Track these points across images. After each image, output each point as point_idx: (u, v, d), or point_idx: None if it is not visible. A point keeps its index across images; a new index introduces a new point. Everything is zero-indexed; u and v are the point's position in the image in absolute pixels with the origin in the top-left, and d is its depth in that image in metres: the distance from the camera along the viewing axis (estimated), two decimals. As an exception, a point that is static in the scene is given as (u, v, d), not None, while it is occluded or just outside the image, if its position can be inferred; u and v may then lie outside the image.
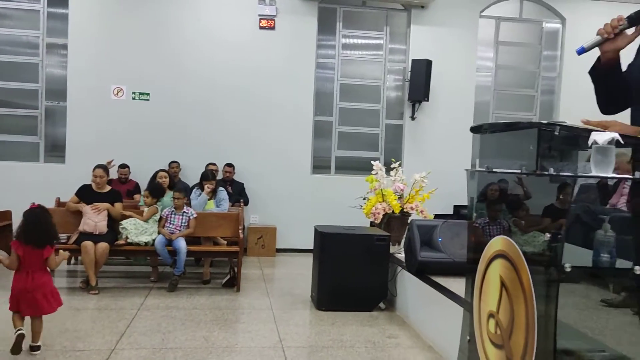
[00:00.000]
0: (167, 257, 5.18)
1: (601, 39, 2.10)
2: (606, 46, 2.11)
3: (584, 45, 2.13)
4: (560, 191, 1.99)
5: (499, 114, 8.00)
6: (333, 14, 7.66)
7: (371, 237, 4.72)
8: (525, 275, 2.00)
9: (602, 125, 1.94)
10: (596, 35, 2.12)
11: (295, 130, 7.46)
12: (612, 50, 2.11)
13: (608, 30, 2.08)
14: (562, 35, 7.96)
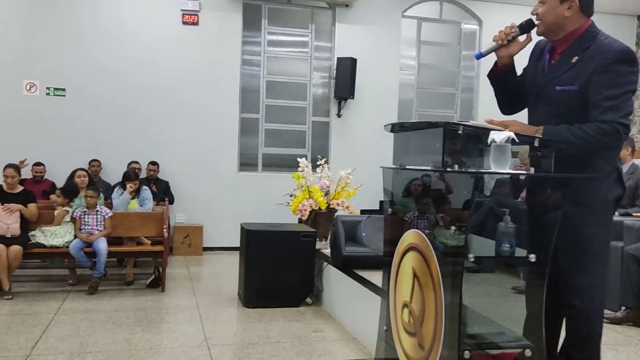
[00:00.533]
0: (84, 261, 5.02)
1: (496, 45, 2.25)
2: (501, 52, 2.26)
3: (481, 50, 2.29)
4: (470, 186, 2.10)
5: (422, 112, 8.26)
6: (258, 11, 7.65)
7: (297, 234, 4.77)
8: (434, 266, 2.10)
9: (503, 125, 2.07)
10: (492, 41, 2.27)
11: (221, 127, 7.40)
12: (506, 56, 2.27)
13: (502, 37, 2.23)
14: (479, 36, 8.31)
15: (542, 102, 2.22)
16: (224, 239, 7.22)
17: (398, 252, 2.42)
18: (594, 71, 2.05)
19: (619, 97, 2.02)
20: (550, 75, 2.20)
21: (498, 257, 2.13)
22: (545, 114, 2.19)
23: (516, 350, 2.13)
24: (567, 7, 2.13)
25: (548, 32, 2.21)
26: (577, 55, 2.12)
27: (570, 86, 2.10)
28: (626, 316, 4.00)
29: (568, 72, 2.13)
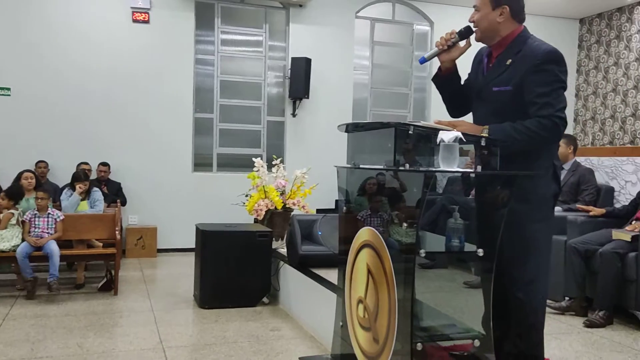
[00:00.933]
0: (27, 271, 4.83)
1: (438, 50, 2.40)
2: (443, 57, 2.41)
3: (424, 55, 2.44)
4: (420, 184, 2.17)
5: (376, 111, 8.37)
6: (211, 10, 7.59)
7: (253, 234, 4.78)
8: (387, 263, 2.16)
9: (451, 125, 2.16)
10: (435, 47, 2.41)
11: (175, 127, 7.32)
12: (448, 60, 2.41)
13: (442, 43, 2.38)
14: (431, 37, 8.48)
15: (481, 102, 2.36)
16: (178, 240, 7.14)
17: (353, 250, 2.47)
18: (526, 72, 2.19)
19: (551, 94, 2.16)
20: (488, 77, 2.34)
21: (448, 252, 2.21)
22: (485, 113, 2.33)
23: (466, 341, 2.21)
24: (499, 13, 2.27)
25: (485, 38, 2.35)
26: (510, 58, 2.26)
27: (506, 87, 2.23)
28: (569, 306, 4.19)
29: (503, 74, 2.27)
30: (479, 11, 2.30)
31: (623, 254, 3.92)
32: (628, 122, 8.15)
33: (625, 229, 4.07)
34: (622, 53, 8.25)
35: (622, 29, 8.26)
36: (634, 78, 8.07)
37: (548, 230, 2.34)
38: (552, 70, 2.18)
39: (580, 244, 4.16)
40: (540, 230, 2.27)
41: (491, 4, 2.27)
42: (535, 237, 2.26)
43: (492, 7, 2.27)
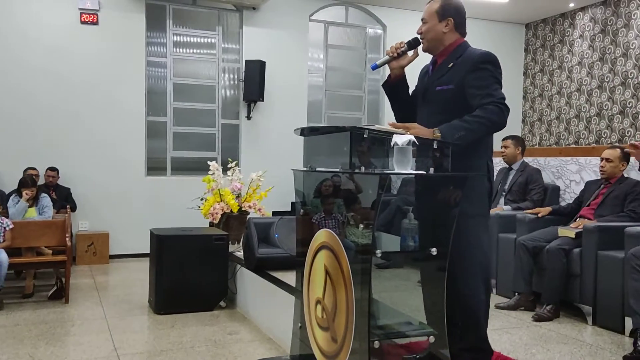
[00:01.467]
0: None
1: (389, 58, 2.55)
2: (393, 64, 2.57)
3: (376, 62, 2.57)
4: (375, 185, 2.21)
5: (331, 114, 8.44)
6: (162, 11, 7.50)
7: (209, 237, 4.75)
8: (344, 263, 2.20)
9: (405, 128, 2.23)
10: (385, 55, 2.57)
11: (127, 131, 7.19)
12: (397, 67, 2.57)
13: (392, 51, 2.54)
14: (383, 41, 8.61)
15: (426, 103, 2.54)
16: (132, 246, 7.02)
17: (310, 251, 2.50)
18: (466, 72, 2.40)
19: (489, 87, 2.36)
20: (431, 79, 2.53)
21: (403, 252, 2.26)
22: (428, 113, 2.49)
23: (421, 337, 2.28)
24: (444, 25, 2.50)
25: (431, 48, 2.56)
26: (452, 62, 2.47)
27: (448, 85, 2.44)
28: (518, 301, 4.33)
29: (445, 75, 2.47)
30: (427, 23, 2.51)
31: (568, 250, 4.09)
32: (572, 123, 8.48)
33: (570, 226, 4.25)
34: (565, 57, 8.59)
35: (565, 34, 8.59)
36: (576, 81, 8.41)
37: (485, 225, 2.50)
38: (488, 69, 2.39)
39: (529, 241, 4.31)
40: (476, 225, 2.43)
41: (438, 16, 2.49)
42: (473, 232, 2.41)
43: (439, 19, 2.50)
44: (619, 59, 7.76)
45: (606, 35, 7.94)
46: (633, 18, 7.56)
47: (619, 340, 3.68)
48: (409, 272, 3.45)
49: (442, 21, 2.50)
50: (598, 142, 8.05)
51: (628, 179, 4.30)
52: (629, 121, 7.64)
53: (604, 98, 7.98)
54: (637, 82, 7.52)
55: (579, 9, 8.35)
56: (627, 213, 4.11)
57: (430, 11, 2.52)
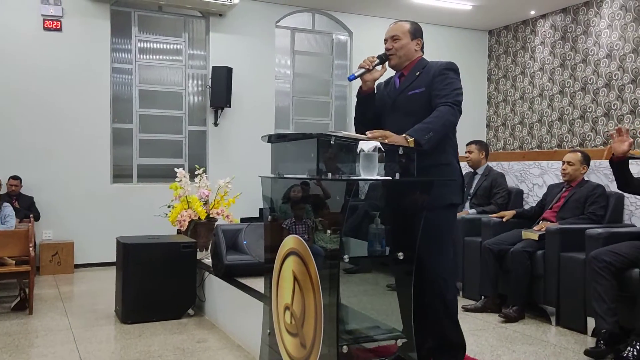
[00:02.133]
0: None
1: (364, 70, 2.68)
2: (367, 77, 2.70)
3: (354, 73, 2.68)
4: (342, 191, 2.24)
5: (298, 119, 8.46)
6: (127, 18, 7.41)
7: (177, 245, 4.71)
8: (312, 269, 2.22)
9: (383, 136, 2.30)
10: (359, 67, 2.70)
11: (92, 138, 7.07)
12: (370, 80, 2.71)
13: (368, 64, 2.67)
14: (350, 47, 8.69)
15: (397, 107, 2.70)
16: (97, 255, 6.90)
17: (279, 257, 2.51)
18: (433, 76, 2.64)
19: (450, 91, 2.58)
20: (401, 87, 2.71)
21: (370, 257, 2.29)
22: (402, 115, 2.65)
23: (389, 341, 2.30)
24: (415, 43, 2.75)
25: (400, 64, 2.74)
26: (418, 71, 2.71)
27: (420, 88, 2.65)
28: (485, 304, 4.41)
29: (415, 81, 2.68)
30: (400, 40, 2.71)
31: (532, 252, 4.19)
32: (535, 127, 8.68)
33: (534, 229, 4.35)
34: (527, 63, 8.79)
35: (527, 41, 8.80)
36: (538, 86, 8.62)
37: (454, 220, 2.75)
38: (451, 76, 2.64)
39: (494, 244, 4.40)
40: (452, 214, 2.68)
41: (410, 35, 2.73)
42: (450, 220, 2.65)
43: (411, 38, 2.74)
44: (578, 65, 7.98)
45: (566, 41, 8.17)
46: (592, 25, 7.79)
47: (581, 340, 3.78)
48: (378, 277, 3.49)
49: (414, 40, 2.74)
50: (560, 146, 8.26)
51: (588, 182, 4.43)
52: (589, 125, 7.86)
53: (565, 103, 8.20)
54: (596, 88, 7.75)
55: (540, 16, 8.57)
56: (588, 215, 4.23)
57: (403, 30, 2.73)
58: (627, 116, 7.36)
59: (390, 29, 2.76)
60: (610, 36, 7.55)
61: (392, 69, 2.79)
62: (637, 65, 7.22)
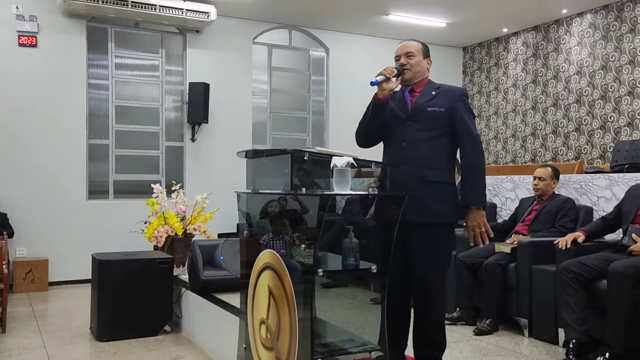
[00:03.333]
0: None
1: (384, 77, 2.76)
2: (384, 85, 2.78)
3: (376, 79, 2.75)
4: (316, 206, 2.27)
5: (276, 135, 8.50)
6: (104, 34, 7.41)
7: (153, 261, 4.69)
8: (287, 283, 2.24)
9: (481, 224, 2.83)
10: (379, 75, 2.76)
11: (67, 154, 7.01)
12: (387, 89, 2.79)
13: (389, 73, 2.76)
14: (326, 63, 8.78)
15: (414, 121, 2.82)
16: (72, 272, 6.81)
17: (254, 272, 2.53)
18: (454, 100, 2.83)
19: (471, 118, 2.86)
20: (419, 101, 2.85)
21: (345, 271, 2.32)
22: (415, 130, 2.79)
23: (364, 354, 2.33)
24: (427, 62, 2.95)
25: (413, 79, 2.89)
26: (433, 91, 2.87)
27: (439, 108, 2.81)
28: (460, 316, 4.47)
29: (433, 99, 2.83)
30: (415, 57, 2.89)
31: (505, 265, 4.26)
32: (509, 142, 8.85)
33: (506, 242, 4.43)
34: (501, 79, 8.98)
35: (500, 57, 9.00)
36: (512, 102, 8.80)
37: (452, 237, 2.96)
38: (468, 103, 2.92)
39: (468, 257, 4.46)
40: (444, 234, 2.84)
41: (423, 54, 2.93)
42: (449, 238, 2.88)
43: (423, 56, 2.93)
44: (550, 82, 8.18)
45: (538, 58, 8.37)
46: (562, 43, 8.00)
47: (553, 351, 3.85)
48: (354, 291, 3.52)
49: (426, 59, 2.94)
50: (534, 160, 8.42)
51: (559, 195, 4.53)
52: (561, 140, 8.04)
53: (538, 118, 8.38)
54: (567, 104, 7.94)
55: (512, 34, 8.77)
56: (558, 228, 4.32)
57: (417, 48, 2.91)
58: (598, 131, 7.55)
59: (403, 45, 2.92)
60: (580, 53, 7.76)
61: (402, 83, 2.92)
62: (606, 81, 7.43)
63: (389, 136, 2.83)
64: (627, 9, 7.18)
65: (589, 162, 7.52)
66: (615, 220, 3.80)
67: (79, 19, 7.06)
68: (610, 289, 3.33)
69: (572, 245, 3.75)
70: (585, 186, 4.54)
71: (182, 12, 7.13)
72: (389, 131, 2.84)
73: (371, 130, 2.86)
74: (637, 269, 3.27)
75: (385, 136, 2.85)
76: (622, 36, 7.24)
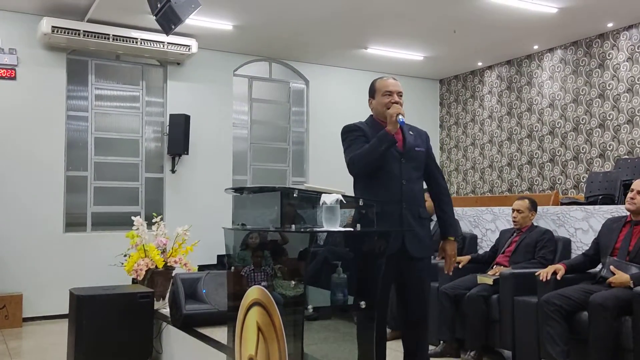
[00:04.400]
0: None
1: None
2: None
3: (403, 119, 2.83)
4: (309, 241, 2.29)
5: (256, 166, 8.52)
6: (84, 66, 7.40)
7: (134, 295, 4.62)
8: (277, 319, 2.24)
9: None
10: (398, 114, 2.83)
11: (44, 186, 6.91)
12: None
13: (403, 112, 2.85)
14: (306, 95, 8.88)
15: (408, 160, 2.97)
16: (48, 308, 6.64)
17: (243, 308, 2.52)
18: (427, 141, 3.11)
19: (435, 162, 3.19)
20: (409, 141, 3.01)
21: (333, 307, 2.33)
22: (409, 168, 2.95)
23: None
24: None
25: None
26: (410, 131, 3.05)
27: (421, 148, 3.03)
28: (444, 349, 4.47)
29: (415, 139, 3.04)
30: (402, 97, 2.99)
31: (487, 297, 4.30)
32: (486, 172, 9.00)
33: (488, 274, 4.48)
34: (477, 111, 9.18)
35: (476, 90, 9.21)
36: (488, 133, 8.98)
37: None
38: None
39: (450, 289, 4.49)
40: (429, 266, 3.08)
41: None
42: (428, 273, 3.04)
43: None
44: (524, 114, 8.39)
45: (512, 91, 8.59)
46: (534, 77, 8.24)
47: (536, 381, 3.86)
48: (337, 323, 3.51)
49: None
50: (510, 190, 8.57)
51: (537, 227, 4.62)
52: (536, 170, 8.21)
53: (514, 149, 8.55)
54: (541, 135, 8.13)
55: (487, 67, 9.00)
56: (538, 260, 4.39)
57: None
58: (571, 162, 7.73)
59: (396, 84, 3.00)
60: (552, 87, 7.99)
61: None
62: (577, 114, 7.65)
63: (386, 174, 2.88)
64: (596, 45, 7.45)
65: (563, 192, 7.69)
66: (595, 255, 3.88)
67: (60, 51, 7.06)
68: (591, 321, 3.38)
69: (552, 276, 3.81)
70: (563, 218, 4.63)
71: (163, 46, 7.18)
72: (385, 168, 2.89)
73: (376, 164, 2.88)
74: (617, 300, 3.34)
75: (379, 170, 2.88)
76: (592, 71, 7.49)
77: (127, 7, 6.49)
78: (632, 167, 6.38)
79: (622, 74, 7.14)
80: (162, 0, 4.86)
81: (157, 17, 5.02)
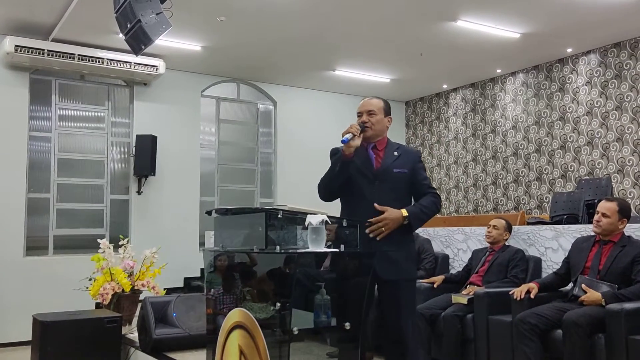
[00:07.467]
0: None
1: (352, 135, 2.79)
2: (352, 142, 2.80)
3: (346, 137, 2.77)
4: (286, 264, 2.26)
5: (224, 187, 8.44)
6: (48, 86, 7.24)
7: (101, 320, 4.47)
8: (260, 342, 2.20)
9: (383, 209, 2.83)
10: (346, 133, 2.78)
11: (4, 208, 6.67)
12: (353, 146, 2.81)
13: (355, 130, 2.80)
14: (274, 116, 8.88)
15: (382, 181, 2.91)
16: (9, 334, 6.37)
17: (223, 331, 2.46)
18: (413, 162, 3.00)
19: (428, 179, 3.08)
20: (385, 162, 2.95)
21: (317, 328, 2.30)
22: (384, 190, 2.89)
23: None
24: (387, 120, 3.04)
25: (374, 136, 2.97)
26: (395, 151, 2.99)
27: (403, 169, 2.94)
28: (419, 369, 4.46)
29: (397, 160, 2.96)
30: (377, 115, 2.96)
31: (462, 316, 4.32)
32: (452, 193, 9.13)
33: (462, 293, 4.51)
34: (442, 132, 9.33)
35: (441, 112, 9.38)
36: (453, 154, 9.13)
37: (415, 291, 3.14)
38: (423, 163, 3.12)
39: (425, 309, 4.50)
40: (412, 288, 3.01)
41: (384, 112, 3.01)
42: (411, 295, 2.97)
43: (384, 115, 3.01)
44: (488, 135, 8.57)
45: (476, 113, 8.78)
46: (498, 99, 8.45)
47: (511, 400, 3.88)
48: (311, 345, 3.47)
49: (386, 117, 3.02)
50: (476, 210, 8.70)
51: (510, 247, 4.69)
52: (501, 191, 8.37)
53: (479, 170, 8.72)
54: (505, 156, 8.32)
55: (452, 90, 9.20)
56: (511, 279, 4.45)
57: (378, 106, 2.99)
58: (534, 182, 7.92)
59: (366, 103, 3.00)
60: (514, 109, 8.21)
61: (364, 140, 2.92)
62: (539, 136, 7.86)
63: (357, 195, 2.87)
64: (556, 69, 7.71)
65: (527, 212, 7.85)
66: (566, 274, 3.96)
67: (22, 71, 6.89)
68: (565, 339, 3.43)
69: (526, 295, 3.86)
70: (533, 237, 4.72)
71: (130, 66, 7.08)
72: (355, 189, 2.88)
73: (336, 186, 2.89)
74: (590, 318, 3.40)
75: (350, 193, 2.89)
76: (552, 94, 7.73)
77: (93, 26, 6.39)
78: (593, 187, 6.59)
79: (582, 98, 7.39)
80: (132, 21, 4.80)
81: (126, 37, 4.95)
